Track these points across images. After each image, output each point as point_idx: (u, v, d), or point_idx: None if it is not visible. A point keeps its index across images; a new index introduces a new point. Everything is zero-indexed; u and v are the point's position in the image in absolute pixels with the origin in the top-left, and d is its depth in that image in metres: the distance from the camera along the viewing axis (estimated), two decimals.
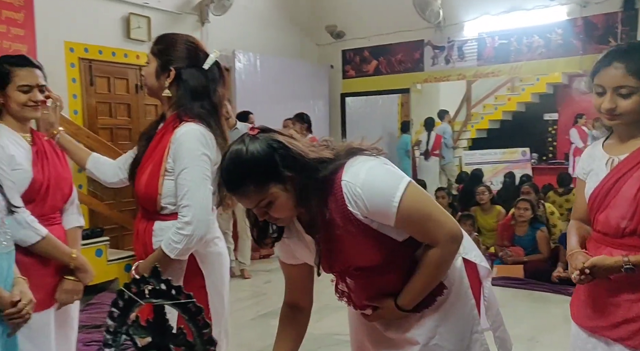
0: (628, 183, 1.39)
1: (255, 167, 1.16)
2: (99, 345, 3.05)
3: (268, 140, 1.18)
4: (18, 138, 1.76)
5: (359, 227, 1.21)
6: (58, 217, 1.87)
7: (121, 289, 1.22)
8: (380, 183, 1.21)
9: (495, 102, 9.00)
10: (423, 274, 1.27)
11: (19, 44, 4.18)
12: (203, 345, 1.10)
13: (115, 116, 5.09)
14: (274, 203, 1.19)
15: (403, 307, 1.30)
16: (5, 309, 1.44)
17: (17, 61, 1.76)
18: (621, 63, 1.36)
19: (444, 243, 1.24)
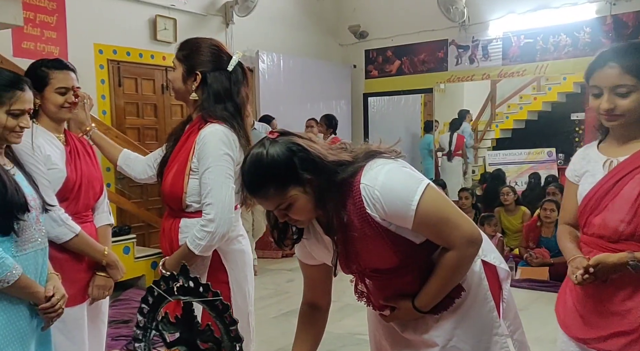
0: (629, 185, 1.34)
1: (275, 170, 1.18)
2: (127, 340, 3.13)
3: (287, 144, 1.20)
4: (53, 138, 1.83)
5: (377, 230, 1.23)
6: (90, 215, 1.94)
7: (151, 286, 1.27)
8: (399, 186, 1.22)
9: (521, 101, 8.84)
10: (440, 276, 1.27)
11: (52, 46, 4.32)
12: (230, 342, 1.13)
13: (143, 116, 5.21)
14: (294, 206, 1.21)
15: (420, 308, 1.31)
16: (40, 304, 1.50)
17: (54, 64, 1.83)
18: (616, 62, 1.34)
19: (460, 246, 1.24)
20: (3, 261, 1.38)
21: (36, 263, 1.52)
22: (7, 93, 1.47)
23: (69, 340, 1.75)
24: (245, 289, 1.85)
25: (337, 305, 3.99)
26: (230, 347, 1.12)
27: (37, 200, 1.54)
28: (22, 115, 1.50)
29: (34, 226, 1.51)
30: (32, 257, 1.50)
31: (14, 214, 1.42)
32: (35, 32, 4.20)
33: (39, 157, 1.70)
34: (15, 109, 1.48)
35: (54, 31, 4.35)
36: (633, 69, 1.32)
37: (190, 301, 1.20)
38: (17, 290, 1.43)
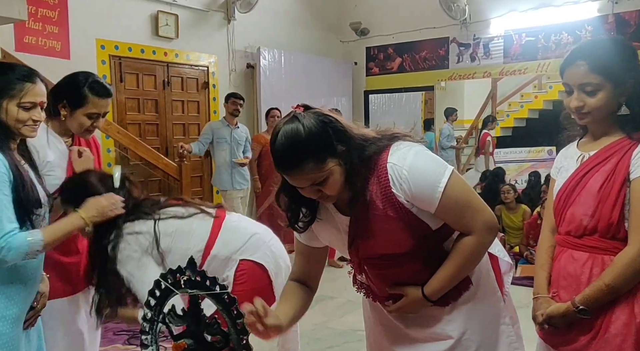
0: (594, 178, 1.34)
1: (314, 142, 1.14)
2: (129, 334, 3.14)
3: (319, 115, 1.18)
4: (58, 140, 1.81)
5: (399, 211, 1.21)
6: None
7: (158, 279, 1.27)
8: (427, 168, 1.21)
9: (522, 99, 8.85)
10: (454, 263, 1.26)
11: (54, 41, 4.31)
12: (237, 335, 1.14)
13: (144, 112, 5.20)
14: (329, 179, 1.17)
15: (429, 296, 1.28)
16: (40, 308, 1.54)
17: (99, 90, 1.79)
18: (583, 60, 1.32)
19: (481, 231, 1.24)
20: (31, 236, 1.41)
21: (39, 259, 1.53)
22: (18, 85, 1.45)
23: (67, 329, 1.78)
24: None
25: (339, 302, 4.00)
26: (237, 340, 1.12)
27: (46, 198, 1.55)
28: (33, 108, 1.48)
29: (41, 223, 1.52)
30: None
31: (31, 209, 1.44)
32: (37, 26, 4.19)
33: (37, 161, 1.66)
34: (26, 102, 1.46)
35: (56, 26, 4.34)
36: (599, 67, 1.30)
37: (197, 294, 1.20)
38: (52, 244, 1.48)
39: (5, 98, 1.44)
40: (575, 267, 1.35)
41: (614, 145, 1.35)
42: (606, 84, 1.31)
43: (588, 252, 1.34)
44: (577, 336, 1.33)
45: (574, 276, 1.35)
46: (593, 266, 1.32)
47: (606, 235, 1.31)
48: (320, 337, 3.24)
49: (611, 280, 1.26)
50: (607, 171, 1.32)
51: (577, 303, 1.30)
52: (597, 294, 1.28)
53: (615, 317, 1.28)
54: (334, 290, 4.14)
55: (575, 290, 1.34)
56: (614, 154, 1.33)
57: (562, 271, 1.39)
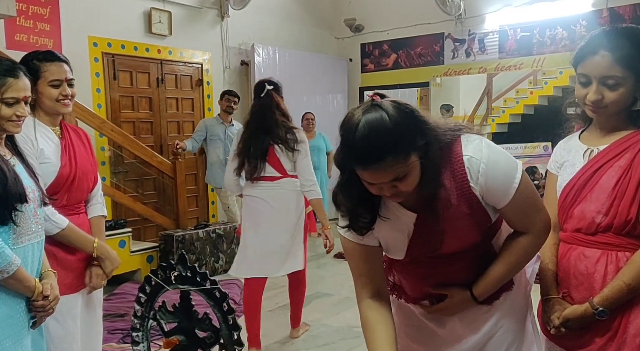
0: (607, 175, 1.27)
1: (400, 133, 1.04)
2: (123, 333, 3.12)
3: (399, 105, 1.07)
4: (48, 131, 1.80)
5: (474, 206, 1.16)
6: (82, 207, 1.92)
7: (148, 275, 1.26)
8: (503, 162, 1.16)
9: (517, 95, 8.84)
10: (507, 262, 1.22)
11: (45, 38, 4.27)
12: (228, 330, 1.13)
13: (138, 109, 5.17)
14: (410, 175, 1.08)
15: (478, 297, 1.24)
16: (37, 300, 1.47)
17: (46, 57, 1.78)
18: (608, 51, 1.24)
19: (539, 231, 1.21)
20: (3, 251, 1.35)
21: (32, 255, 1.50)
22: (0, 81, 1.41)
23: (62, 327, 1.74)
24: None
25: (336, 299, 3.99)
26: (228, 336, 1.11)
27: (36, 193, 1.51)
28: (17, 104, 1.45)
29: (32, 218, 1.48)
30: (28, 249, 1.48)
31: (12, 204, 1.39)
32: (28, 24, 4.15)
33: (32, 151, 1.68)
34: (8, 97, 1.43)
35: (48, 23, 4.30)
36: (625, 59, 1.23)
37: (188, 290, 1.19)
38: (14, 282, 1.40)
39: None
40: (587, 265, 1.29)
41: (627, 139, 1.29)
42: (629, 78, 1.24)
43: (601, 248, 1.28)
44: (593, 337, 1.27)
45: (585, 275, 1.29)
46: (608, 264, 1.26)
47: (621, 231, 1.25)
48: (316, 334, 3.22)
49: (631, 280, 1.21)
50: (622, 167, 1.26)
51: (595, 305, 1.24)
52: (616, 294, 1.22)
53: (633, 317, 1.23)
54: (331, 287, 4.12)
55: (587, 289, 1.29)
56: (627, 149, 1.27)
57: (572, 270, 1.32)
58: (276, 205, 2.77)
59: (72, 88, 1.83)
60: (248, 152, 2.75)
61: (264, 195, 2.77)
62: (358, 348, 2.98)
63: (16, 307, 1.44)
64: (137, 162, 4.86)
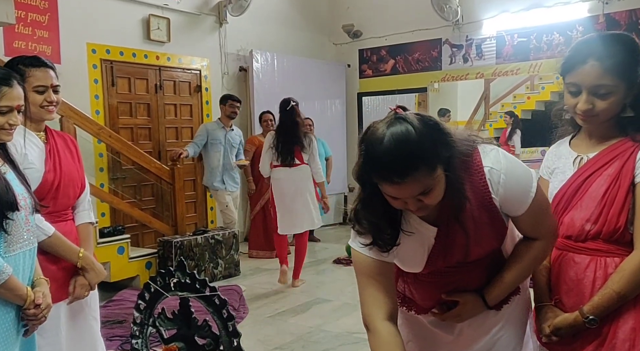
0: (596, 183, 1.28)
1: (427, 148, 1.02)
2: (122, 340, 3.10)
3: (423, 118, 1.07)
4: (33, 136, 1.78)
5: (493, 216, 1.17)
6: (70, 214, 1.89)
7: (147, 282, 1.25)
8: (520, 172, 1.18)
9: (514, 100, 8.87)
10: (519, 267, 1.24)
11: (44, 45, 4.28)
12: (228, 337, 1.12)
13: (136, 116, 5.17)
14: (435, 188, 1.07)
15: (490, 302, 1.25)
16: (28, 308, 1.46)
17: (31, 62, 1.76)
18: (597, 60, 1.22)
19: (550, 236, 1.24)
20: (7, 269, 1.34)
21: (24, 264, 1.48)
22: None
23: (42, 337, 1.69)
24: None
25: (335, 304, 3.98)
26: (228, 343, 1.11)
27: (28, 200, 1.50)
28: (10, 112, 1.45)
29: (23, 226, 1.46)
30: (20, 257, 1.46)
31: (3, 212, 1.38)
32: (26, 31, 4.16)
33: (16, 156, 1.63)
34: (2, 106, 1.42)
35: (46, 30, 4.30)
36: (615, 68, 1.21)
37: (187, 297, 1.18)
38: (5, 291, 1.39)
39: None
40: (577, 271, 1.30)
41: (615, 147, 1.29)
42: (620, 86, 1.23)
43: (590, 255, 1.28)
44: (583, 343, 1.28)
45: (575, 281, 1.30)
46: (597, 270, 1.27)
47: (610, 238, 1.26)
48: (316, 340, 3.21)
49: (621, 288, 1.21)
50: (611, 175, 1.26)
51: (586, 313, 1.24)
52: (606, 302, 1.23)
53: (622, 322, 1.23)
54: (330, 292, 4.12)
55: (577, 295, 1.29)
56: (616, 157, 1.27)
57: (562, 276, 1.33)
58: (299, 181, 4.20)
59: (57, 95, 1.80)
60: (280, 148, 4.14)
61: (290, 176, 4.19)
62: None
63: (5, 316, 1.42)
64: (135, 168, 4.86)
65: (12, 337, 1.44)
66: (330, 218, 6.95)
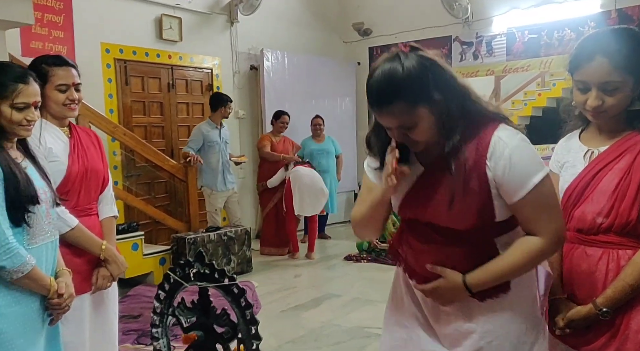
0: (608, 177, 1.28)
1: (409, 85, 1.12)
2: (137, 334, 3.17)
3: (422, 58, 1.14)
4: (57, 131, 1.83)
5: (482, 185, 1.18)
6: (94, 208, 1.93)
7: (167, 273, 1.30)
8: (529, 157, 1.18)
9: (525, 97, 8.81)
10: (511, 258, 1.20)
11: (59, 45, 4.36)
12: (246, 325, 1.16)
13: (149, 114, 5.24)
14: (418, 126, 1.15)
15: (470, 285, 1.21)
16: (52, 298, 1.51)
17: (54, 61, 1.81)
18: (605, 57, 1.23)
19: (549, 237, 1.19)
20: (18, 251, 1.39)
21: (47, 255, 1.53)
22: (10, 87, 1.45)
23: (69, 329, 1.74)
24: None
25: (345, 299, 4.02)
26: (245, 330, 1.15)
27: (48, 194, 1.55)
28: (27, 109, 1.49)
29: (45, 219, 1.51)
30: (42, 249, 1.51)
31: (25, 206, 1.43)
32: (43, 31, 4.24)
33: (41, 150, 1.69)
34: (19, 102, 1.46)
35: (62, 31, 4.39)
36: (623, 63, 1.22)
37: (206, 287, 1.23)
38: (29, 281, 1.44)
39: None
40: (590, 264, 1.31)
41: (625, 140, 1.30)
42: (628, 81, 1.24)
43: (602, 247, 1.29)
44: (596, 334, 1.29)
45: (587, 273, 1.31)
46: (609, 262, 1.28)
47: (622, 231, 1.27)
48: (327, 334, 3.25)
49: (634, 280, 1.22)
50: (622, 169, 1.27)
51: (599, 305, 1.25)
52: (619, 295, 1.24)
53: (635, 313, 1.25)
54: (340, 288, 4.15)
55: (590, 288, 1.30)
56: (626, 151, 1.28)
57: (575, 269, 1.34)
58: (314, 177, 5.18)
59: (79, 93, 1.85)
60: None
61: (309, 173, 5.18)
62: (368, 347, 3.01)
63: (31, 306, 1.47)
64: (149, 165, 4.92)
65: (37, 325, 1.49)
66: (341, 215, 6.98)
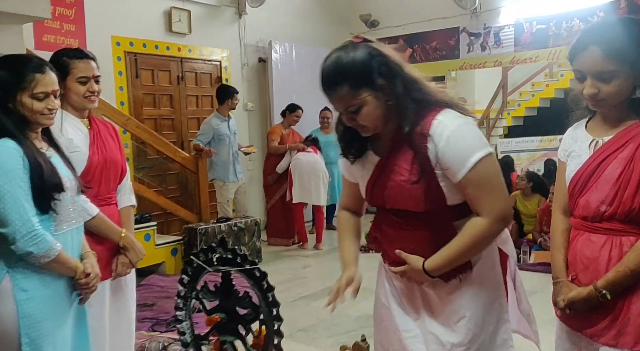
0: (611, 166, 1.31)
1: (351, 71, 1.24)
2: (152, 322, 3.24)
3: (368, 48, 1.26)
4: (77, 122, 1.89)
5: (424, 167, 1.27)
6: (113, 197, 2.00)
7: (190, 258, 1.35)
8: (469, 138, 1.26)
9: (532, 88, 8.82)
10: (460, 241, 1.29)
11: (71, 38, 4.41)
12: (268, 307, 1.22)
13: (159, 107, 5.30)
14: (363, 109, 1.26)
15: (429, 270, 1.32)
16: (80, 279, 1.58)
17: (75, 54, 1.86)
18: (598, 46, 1.26)
19: (492, 217, 1.27)
20: (44, 237, 1.44)
21: (72, 241, 1.59)
22: (28, 77, 1.49)
23: (89, 312, 1.78)
24: None
25: None
26: (267, 312, 1.20)
27: (73, 182, 1.60)
28: (47, 98, 1.52)
29: (70, 206, 1.57)
30: (68, 235, 1.57)
31: (51, 194, 1.49)
32: (55, 25, 4.29)
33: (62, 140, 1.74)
34: (38, 92, 1.50)
35: (73, 24, 4.44)
36: (615, 53, 1.24)
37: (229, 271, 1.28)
38: (57, 265, 1.50)
39: (19, 91, 1.48)
40: (593, 250, 1.35)
41: (629, 130, 1.32)
42: (622, 70, 1.26)
43: (606, 234, 1.33)
44: (598, 317, 1.33)
45: (591, 259, 1.34)
46: (612, 249, 1.31)
47: (625, 219, 1.30)
48: (337, 323, 3.31)
49: (636, 266, 1.26)
50: (625, 158, 1.30)
51: (599, 288, 1.29)
52: (620, 279, 1.28)
53: (636, 298, 1.28)
54: None
55: (593, 273, 1.34)
56: (630, 140, 1.31)
57: (579, 255, 1.38)
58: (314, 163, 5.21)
59: (98, 85, 1.91)
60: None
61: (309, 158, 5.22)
62: None
63: (58, 289, 1.53)
64: (160, 157, 4.98)
65: (65, 307, 1.56)
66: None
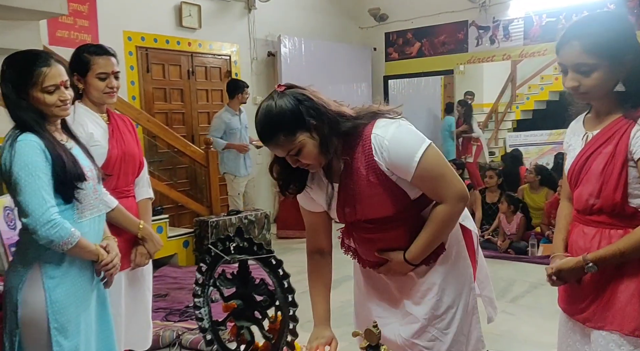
0: (597, 160, 1.36)
1: (283, 119, 1.30)
2: (166, 311, 3.32)
3: (294, 94, 1.33)
4: (97, 117, 1.94)
5: (380, 177, 1.36)
6: (132, 190, 2.05)
7: (209, 246, 1.40)
8: (406, 140, 1.35)
9: (542, 82, 8.78)
10: (430, 229, 1.41)
11: (84, 34, 4.48)
12: (283, 293, 1.26)
13: (170, 101, 5.36)
14: (303, 150, 1.33)
15: (410, 261, 1.43)
16: (102, 260, 1.63)
17: (95, 50, 1.91)
18: (577, 40, 1.29)
19: (452, 200, 1.38)
20: (62, 225, 1.50)
21: (95, 228, 1.66)
22: (35, 73, 1.51)
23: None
24: None
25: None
26: (283, 298, 1.25)
27: (94, 171, 1.66)
28: (57, 90, 1.54)
29: (92, 195, 1.63)
30: (91, 222, 1.63)
31: (73, 184, 1.54)
32: (68, 21, 4.35)
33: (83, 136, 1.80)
34: (48, 86, 1.52)
35: (86, 19, 4.50)
36: (592, 46, 1.27)
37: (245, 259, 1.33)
38: (79, 250, 1.55)
39: (30, 87, 1.52)
40: (585, 241, 1.41)
41: (614, 124, 1.35)
42: (601, 63, 1.28)
43: (596, 227, 1.39)
44: (588, 303, 1.41)
45: (583, 250, 1.40)
46: (601, 240, 1.37)
47: (612, 213, 1.35)
48: (347, 313, 3.35)
49: (626, 247, 1.31)
50: (608, 153, 1.34)
51: (588, 259, 1.35)
52: (609, 256, 1.33)
53: (624, 287, 1.34)
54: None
55: None
56: (614, 135, 1.34)
57: (574, 245, 1.45)
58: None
59: (117, 81, 1.96)
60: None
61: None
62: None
63: (80, 276, 1.59)
64: (171, 151, 5.05)
65: (88, 293, 1.64)
66: None
